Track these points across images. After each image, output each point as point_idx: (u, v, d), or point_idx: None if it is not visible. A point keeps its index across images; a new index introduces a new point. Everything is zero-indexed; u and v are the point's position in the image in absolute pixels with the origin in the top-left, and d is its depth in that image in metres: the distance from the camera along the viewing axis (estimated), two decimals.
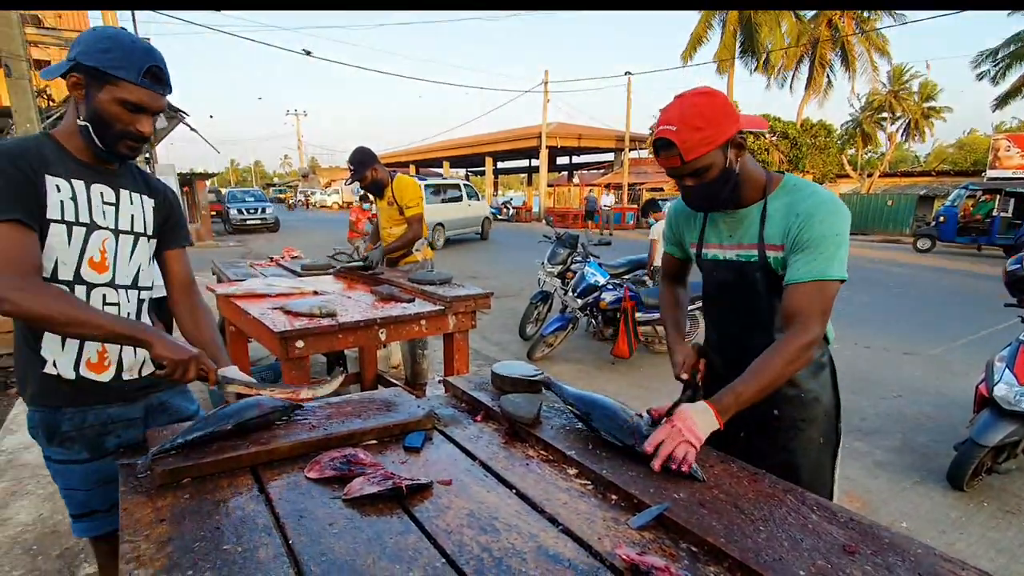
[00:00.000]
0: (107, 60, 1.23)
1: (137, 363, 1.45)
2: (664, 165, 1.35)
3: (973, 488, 3.12)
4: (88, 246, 1.34)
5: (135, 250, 1.44)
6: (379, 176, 3.78)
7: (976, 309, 7.84)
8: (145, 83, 1.27)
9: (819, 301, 1.29)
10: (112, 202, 1.39)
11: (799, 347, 1.26)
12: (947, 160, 33.26)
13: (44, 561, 2.35)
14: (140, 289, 1.46)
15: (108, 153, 1.33)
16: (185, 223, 1.63)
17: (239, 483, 1.13)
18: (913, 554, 0.92)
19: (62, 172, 1.31)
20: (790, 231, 1.33)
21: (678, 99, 1.32)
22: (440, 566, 0.89)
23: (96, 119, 1.27)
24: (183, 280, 1.60)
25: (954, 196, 16.66)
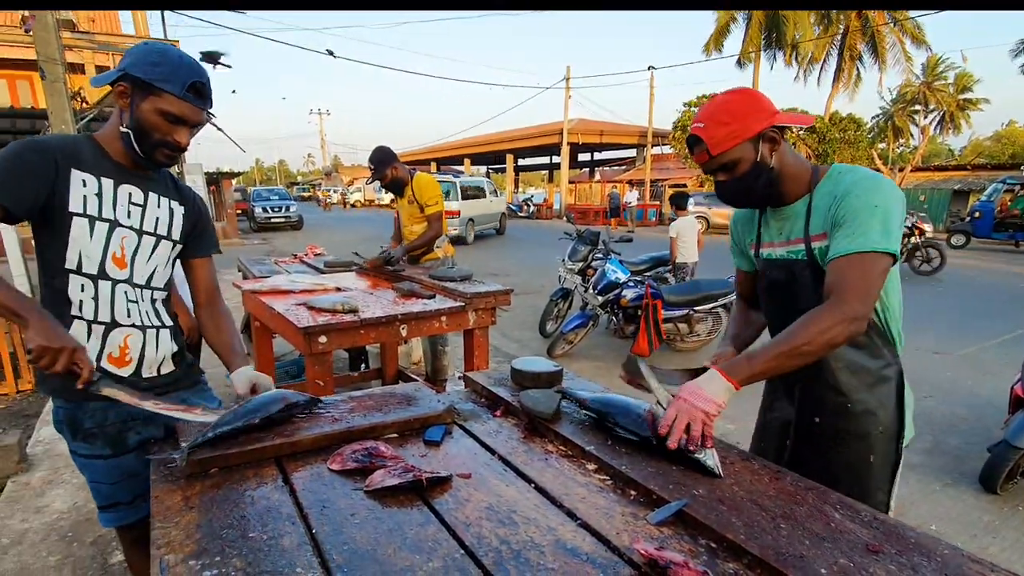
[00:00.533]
0: (155, 73, 1.29)
1: (157, 361, 1.50)
2: (697, 161, 1.37)
3: (1007, 492, 3.03)
4: (111, 241, 1.39)
5: (155, 252, 1.48)
6: (399, 175, 3.81)
7: (1012, 307, 7.59)
8: (188, 97, 1.32)
9: (859, 274, 1.18)
10: (139, 203, 1.44)
11: (831, 319, 1.16)
12: (983, 154, 32.24)
13: (79, 548, 2.43)
14: (153, 289, 1.49)
15: (145, 160, 1.38)
16: (213, 232, 1.67)
17: (264, 474, 1.16)
18: (940, 555, 0.90)
19: (93, 170, 1.36)
20: (830, 213, 1.28)
21: (710, 100, 1.35)
22: (459, 557, 0.90)
23: (137, 127, 1.33)
24: (207, 287, 1.65)
25: (991, 191, 16.11)
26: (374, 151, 3.81)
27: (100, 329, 1.39)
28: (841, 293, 1.18)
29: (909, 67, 24.99)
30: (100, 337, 1.40)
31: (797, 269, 1.38)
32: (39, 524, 2.60)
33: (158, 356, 1.50)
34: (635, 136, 30.52)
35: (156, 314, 1.51)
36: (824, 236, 1.31)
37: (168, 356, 1.53)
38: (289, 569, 0.86)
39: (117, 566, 2.31)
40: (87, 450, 1.45)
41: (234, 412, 1.28)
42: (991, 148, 34.98)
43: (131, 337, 1.44)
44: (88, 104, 8.98)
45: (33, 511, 2.70)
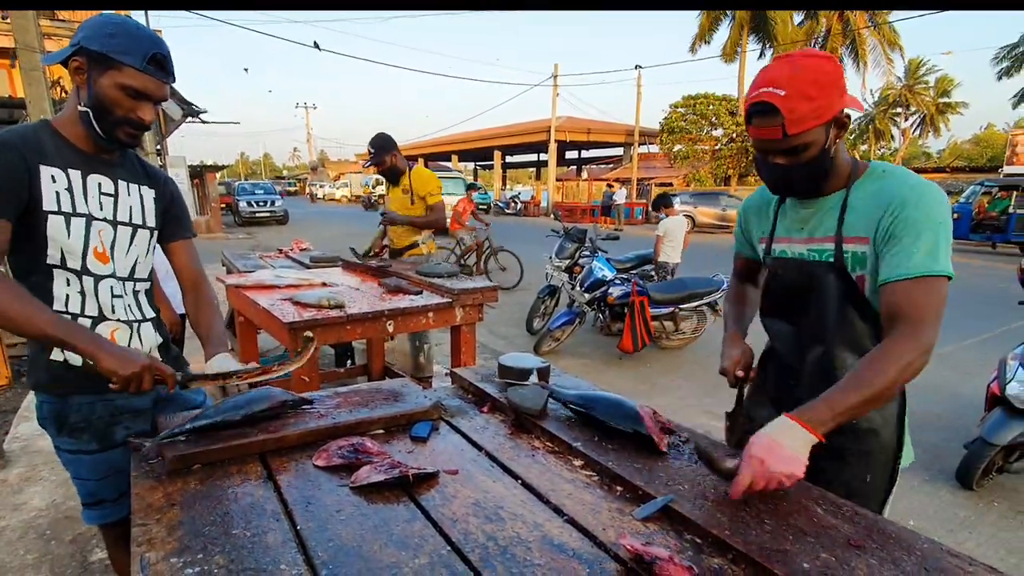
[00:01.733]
0: (112, 45, 1.22)
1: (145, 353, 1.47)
2: (758, 136, 1.16)
3: (983, 488, 3.10)
4: (91, 236, 1.34)
5: (133, 242, 1.43)
6: (397, 163, 3.82)
7: (989, 307, 7.76)
8: (149, 70, 1.25)
9: (932, 300, 1.09)
10: (110, 193, 1.38)
11: (912, 351, 1.06)
12: (962, 156, 32.86)
13: (57, 546, 2.39)
14: (136, 281, 1.46)
15: (107, 140, 1.31)
16: (187, 214, 1.61)
17: (248, 470, 1.14)
18: (919, 549, 0.91)
19: (58, 162, 1.30)
20: (881, 221, 1.15)
21: (786, 59, 1.13)
22: (446, 553, 0.90)
23: (97, 104, 1.26)
24: (190, 272, 1.60)
25: (968, 193, 16.43)
26: (375, 136, 3.81)
27: (87, 323, 1.36)
28: (917, 321, 1.08)
29: (890, 69, 25.36)
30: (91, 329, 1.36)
31: (819, 272, 1.24)
32: (16, 522, 2.54)
33: (143, 349, 1.46)
34: (622, 135, 30.64)
35: (139, 307, 1.47)
36: (863, 241, 1.18)
37: (153, 348, 1.50)
38: (273, 566, 0.85)
39: (97, 564, 2.27)
40: (72, 445, 1.41)
41: (216, 407, 1.26)
42: (970, 151, 35.66)
43: (118, 331, 1.40)
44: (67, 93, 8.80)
45: (10, 508, 2.64)
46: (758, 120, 1.15)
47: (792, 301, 1.32)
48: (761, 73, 1.15)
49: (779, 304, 1.37)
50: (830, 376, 1.25)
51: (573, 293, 5.54)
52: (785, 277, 1.32)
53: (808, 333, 1.31)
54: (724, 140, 23.46)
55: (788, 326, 1.35)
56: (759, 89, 1.13)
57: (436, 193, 3.82)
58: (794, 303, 1.31)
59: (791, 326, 1.35)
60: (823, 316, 1.27)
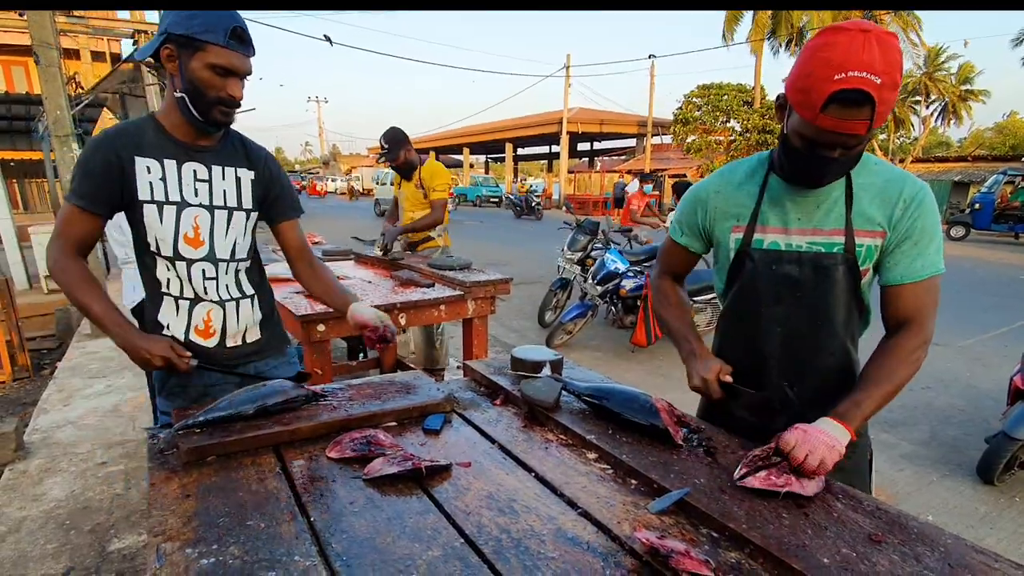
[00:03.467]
0: (195, 25, 1.25)
1: (240, 332, 1.55)
2: (840, 128, 1.00)
3: (1004, 483, 3.04)
4: (181, 223, 1.41)
5: (231, 224, 1.48)
6: (411, 157, 3.80)
7: (1012, 299, 7.60)
8: (232, 44, 1.28)
9: (933, 298, 1.17)
10: (205, 179, 1.43)
11: (920, 347, 1.15)
12: (984, 145, 32.17)
13: (77, 536, 2.43)
14: (238, 261, 1.52)
15: (204, 122, 1.35)
16: (291, 194, 1.63)
17: (262, 462, 1.15)
18: (943, 544, 0.89)
19: (156, 153, 1.37)
20: (896, 217, 1.15)
21: (866, 35, 0.96)
22: (459, 546, 0.89)
23: (191, 88, 1.30)
24: (297, 247, 1.66)
25: (991, 182, 16.10)
26: (388, 131, 3.78)
27: (186, 304, 1.46)
28: (922, 319, 1.17)
29: (912, 57, 24.83)
30: (187, 311, 1.47)
31: (828, 263, 1.19)
32: (37, 512, 2.59)
33: (240, 327, 1.54)
34: (635, 125, 30.39)
35: (238, 285, 1.53)
36: (880, 234, 1.17)
37: (252, 325, 1.57)
38: (287, 557, 0.85)
39: (115, 553, 2.31)
40: (167, 406, 1.51)
41: (229, 400, 1.27)
42: (992, 139, 34.89)
43: (212, 311, 1.49)
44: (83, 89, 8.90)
45: (31, 499, 2.69)
46: (843, 111, 0.98)
47: (800, 294, 1.23)
48: (841, 50, 0.96)
49: (778, 298, 1.25)
50: (829, 368, 1.27)
51: (585, 286, 5.51)
52: (783, 270, 1.23)
53: (814, 327, 1.24)
54: (740, 131, 23.15)
55: (793, 321, 1.25)
56: (849, 72, 0.95)
57: (440, 188, 3.78)
58: (802, 296, 1.23)
59: (798, 321, 1.25)
60: (829, 309, 1.22)
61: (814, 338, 1.26)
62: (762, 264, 1.25)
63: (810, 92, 1.00)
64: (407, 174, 3.86)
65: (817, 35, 1.03)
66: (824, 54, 0.99)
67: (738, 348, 1.35)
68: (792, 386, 1.28)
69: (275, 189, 1.57)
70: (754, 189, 1.27)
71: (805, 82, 1.02)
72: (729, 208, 1.30)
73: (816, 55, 1.00)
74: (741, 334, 1.35)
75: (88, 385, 4.01)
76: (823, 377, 1.28)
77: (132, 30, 8.32)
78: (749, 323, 1.32)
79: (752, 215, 1.26)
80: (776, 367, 1.30)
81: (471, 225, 18.82)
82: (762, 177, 1.27)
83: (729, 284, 1.35)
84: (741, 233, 1.28)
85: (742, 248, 1.28)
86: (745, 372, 1.28)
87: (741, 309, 1.34)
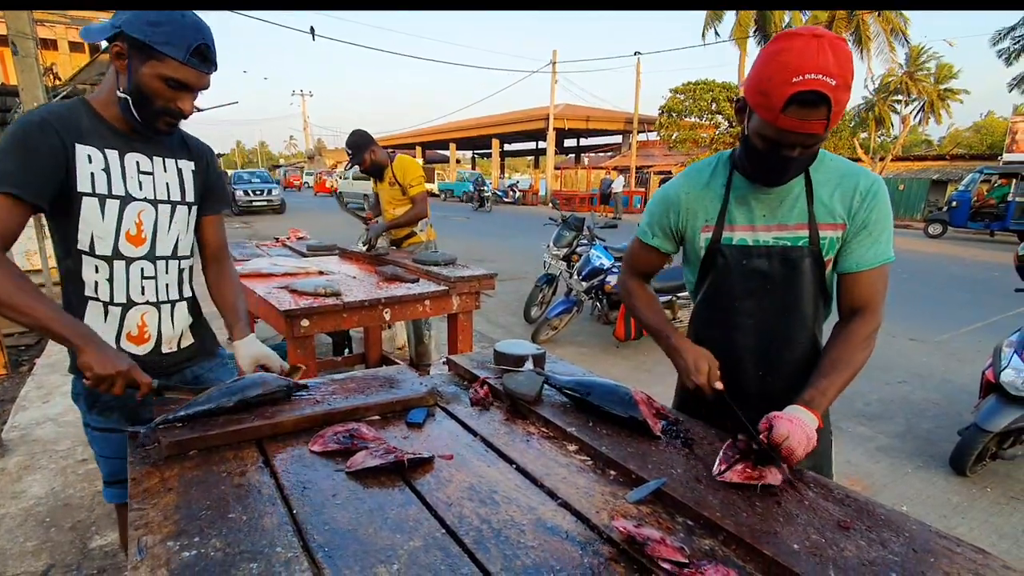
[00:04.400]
0: (155, 35, 1.18)
1: (175, 337, 1.48)
2: (799, 128, 1.04)
3: (976, 474, 3.12)
4: (124, 219, 1.32)
5: (173, 219, 1.41)
6: (378, 158, 3.78)
7: (986, 296, 7.77)
8: (192, 62, 1.22)
9: (884, 285, 1.25)
10: (148, 171, 1.36)
11: (872, 332, 1.22)
12: (962, 144, 32.75)
13: (57, 533, 2.41)
14: (180, 259, 1.45)
15: (145, 127, 1.30)
16: (224, 188, 1.58)
17: (244, 455, 1.15)
18: (908, 530, 0.93)
19: (96, 141, 1.28)
20: (853, 208, 1.22)
21: (819, 40, 1.00)
22: (440, 536, 0.91)
23: (137, 93, 1.23)
24: (216, 246, 1.57)
25: (968, 180, 16.40)
26: (351, 135, 3.76)
27: (117, 310, 1.36)
28: (875, 305, 1.24)
29: (892, 56, 25.18)
30: (117, 318, 1.37)
31: (795, 256, 1.25)
32: (16, 510, 2.56)
33: (175, 331, 1.47)
34: (621, 122, 30.48)
35: (178, 285, 1.46)
36: (841, 227, 1.23)
37: (186, 329, 1.51)
38: (270, 548, 0.86)
39: (96, 550, 2.29)
40: (101, 423, 1.44)
41: (208, 394, 1.27)
42: (970, 138, 35.52)
43: (147, 315, 1.41)
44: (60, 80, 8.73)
45: (9, 497, 2.66)
46: (801, 111, 1.02)
47: (771, 286, 1.28)
48: (797, 54, 1.00)
49: (751, 292, 1.30)
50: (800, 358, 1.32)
51: (571, 282, 5.54)
52: (754, 264, 1.28)
53: (785, 316, 1.30)
54: (724, 127, 23.33)
55: (767, 313, 1.31)
56: (805, 75, 0.99)
57: (417, 183, 3.78)
58: (774, 288, 1.28)
59: (772, 312, 1.30)
60: (798, 301, 1.29)
61: (785, 329, 1.32)
62: (733, 260, 1.30)
63: (769, 95, 1.04)
64: (378, 174, 3.85)
65: (773, 41, 1.08)
66: (781, 59, 1.03)
67: (714, 343, 1.36)
68: (766, 376, 1.34)
69: (211, 182, 1.51)
70: (719, 189, 1.31)
71: (765, 85, 1.05)
72: (698, 208, 1.33)
73: (774, 60, 1.04)
74: (716, 329, 1.39)
75: (67, 381, 3.90)
76: (795, 366, 1.33)
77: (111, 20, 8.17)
78: (723, 317, 1.36)
79: (720, 214, 1.30)
80: (751, 359, 1.35)
81: (458, 220, 18.78)
82: (726, 177, 1.30)
83: (701, 281, 1.38)
84: (710, 232, 1.32)
85: (712, 246, 1.32)
86: (721, 366, 1.31)
87: (714, 304, 1.38)
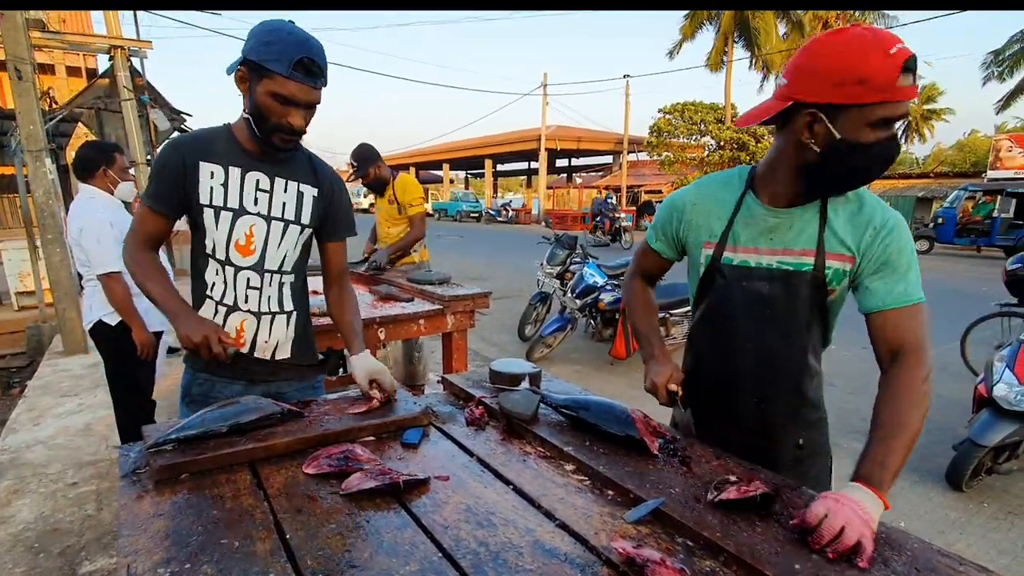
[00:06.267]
0: (265, 53, 1.28)
1: (269, 346, 1.54)
2: (910, 94, 1.03)
3: (973, 489, 3.12)
4: (235, 230, 1.44)
5: (284, 237, 1.50)
6: (382, 173, 3.77)
7: (976, 310, 7.82)
8: (295, 76, 1.29)
9: (923, 326, 1.13)
10: (266, 189, 1.46)
11: (925, 380, 1.09)
12: (946, 162, 33.30)
13: (46, 559, 2.35)
14: (284, 274, 1.54)
15: (266, 145, 1.39)
16: (348, 216, 1.65)
17: (237, 479, 1.13)
18: (910, 549, 0.92)
19: (223, 160, 1.41)
20: (864, 243, 1.16)
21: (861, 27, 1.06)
22: (437, 560, 0.89)
23: (255, 112, 1.34)
24: (338, 270, 1.69)
25: (953, 197, 16.67)
26: (357, 148, 3.75)
27: (223, 310, 1.48)
28: (922, 348, 1.12)
29: None
30: (222, 317, 1.49)
31: (796, 282, 1.20)
32: (4, 535, 2.50)
33: (271, 341, 1.54)
34: (611, 143, 30.84)
35: (280, 300, 1.54)
36: (850, 260, 1.17)
37: (284, 343, 1.57)
38: (262, 575, 0.84)
39: None
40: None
41: (202, 416, 1.25)
42: (953, 156, 36.12)
43: (246, 321, 1.50)
44: (57, 104, 8.76)
45: None
46: (907, 77, 1.01)
47: (770, 311, 1.24)
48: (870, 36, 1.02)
49: (749, 315, 1.26)
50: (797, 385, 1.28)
51: (564, 299, 5.55)
52: (754, 287, 1.24)
53: (781, 342, 1.26)
54: (712, 147, 23.66)
55: (765, 337, 1.27)
56: (896, 45, 0.99)
57: (417, 203, 3.78)
58: (773, 313, 1.24)
59: (769, 337, 1.26)
60: (798, 327, 1.24)
61: (784, 354, 1.27)
62: (733, 280, 1.26)
63: (874, 75, 1.00)
64: (379, 190, 3.85)
65: (825, 42, 1.06)
66: (859, 43, 1.02)
67: (712, 363, 1.35)
68: (762, 403, 1.30)
69: (334, 209, 1.59)
70: (729, 205, 1.27)
71: (861, 71, 1.01)
72: (703, 222, 1.30)
73: (851, 47, 1.02)
74: (714, 349, 1.35)
75: (59, 404, 3.89)
76: (792, 395, 1.29)
77: (108, 45, 8.21)
78: (721, 338, 1.32)
79: (723, 233, 1.27)
80: (748, 382, 1.30)
81: (452, 240, 18.82)
82: (738, 195, 1.27)
83: (700, 297, 1.35)
84: (711, 250, 1.28)
85: (712, 264, 1.29)
86: (718, 387, 1.31)
87: (713, 324, 1.34)
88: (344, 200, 1.62)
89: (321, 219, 1.57)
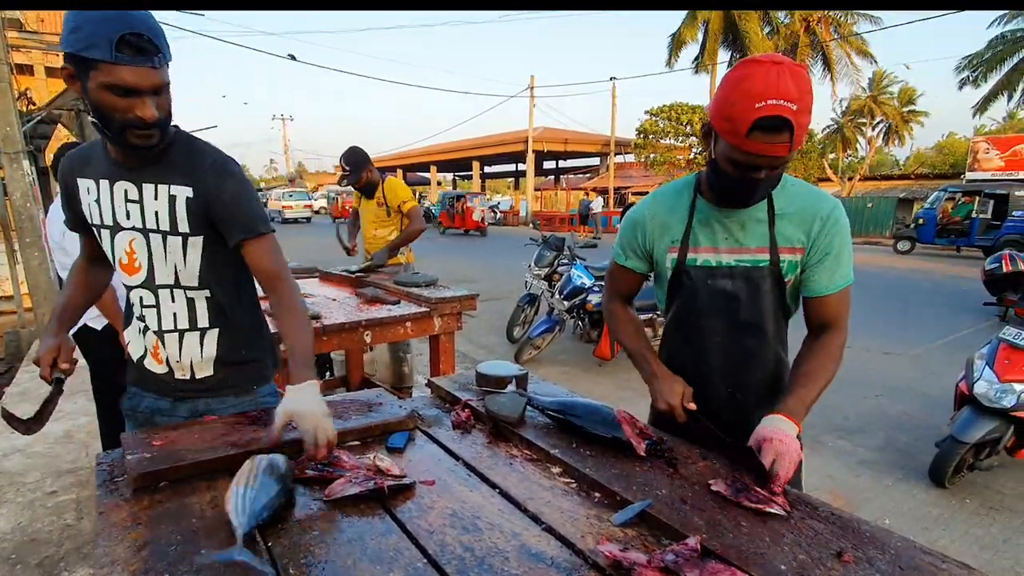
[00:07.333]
0: (78, 41, 1.05)
1: (186, 366, 1.40)
2: (764, 152, 1.08)
3: (955, 485, 3.16)
4: (115, 247, 1.31)
5: (167, 249, 1.30)
6: (372, 177, 3.81)
7: (957, 309, 7.97)
8: (122, 58, 1.05)
9: (847, 304, 1.32)
10: (135, 199, 1.27)
11: (840, 347, 1.30)
12: (926, 163, 33.90)
13: (23, 570, 2.30)
14: (185, 288, 1.34)
15: (123, 147, 1.18)
16: (247, 210, 1.31)
17: (217, 486, 1.11)
18: (893, 547, 0.92)
19: (95, 174, 1.28)
20: (813, 235, 1.26)
21: (779, 67, 1.05)
22: (421, 566, 0.88)
23: (96, 112, 1.12)
24: (264, 275, 1.35)
25: (933, 198, 16.95)
26: (349, 152, 3.74)
27: (141, 326, 1.41)
28: (841, 324, 1.31)
29: (857, 80, 26.10)
30: (141, 334, 1.42)
31: (757, 277, 1.30)
32: None
33: (184, 360, 1.39)
34: (599, 145, 30.98)
35: (190, 317, 1.37)
36: (800, 251, 1.28)
37: (201, 362, 1.40)
38: None
39: None
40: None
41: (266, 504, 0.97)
42: (933, 158, 36.75)
43: (156, 340, 1.41)
44: (36, 105, 8.59)
45: None
46: (765, 136, 1.06)
47: (737, 305, 1.33)
48: (760, 81, 1.04)
49: (716, 311, 1.35)
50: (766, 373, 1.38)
51: (552, 301, 5.55)
52: (718, 285, 1.33)
53: (748, 334, 1.35)
54: (699, 148, 23.84)
55: (731, 331, 1.36)
56: (768, 100, 1.03)
57: (409, 198, 3.83)
58: (739, 308, 1.33)
59: (736, 330, 1.35)
60: (761, 319, 1.34)
61: (751, 346, 1.36)
62: (699, 280, 1.35)
63: (734, 120, 1.08)
64: (369, 193, 3.87)
65: (735, 69, 1.12)
66: (744, 86, 1.07)
67: (685, 361, 1.42)
68: (736, 393, 1.39)
69: (218, 206, 1.28)
70: (684, 211, 1.35)
71: (729, 111, 1.09)
72: (664, 229, 1.37)
73: (737, 87, 1.08)
74: (685, 347, 1.43)
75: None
76: (761, 382, 1.39)
77: None
78: (692, 336, 1.41)
79: (684, 236, 1.34)
80: (719, 376, 1.40)
81: (440, 241, 18.77)
82: (690, 200, 1.35)
83: (670, 300, 1.43)
84: (676, 253, 1.36)
85: (678, 267, 1.36)
86: (692, 383, 1.37)
87: (683, 323, 1.42)
88: (235, 192, 1.29)
89: (208, 221, 1.30)
